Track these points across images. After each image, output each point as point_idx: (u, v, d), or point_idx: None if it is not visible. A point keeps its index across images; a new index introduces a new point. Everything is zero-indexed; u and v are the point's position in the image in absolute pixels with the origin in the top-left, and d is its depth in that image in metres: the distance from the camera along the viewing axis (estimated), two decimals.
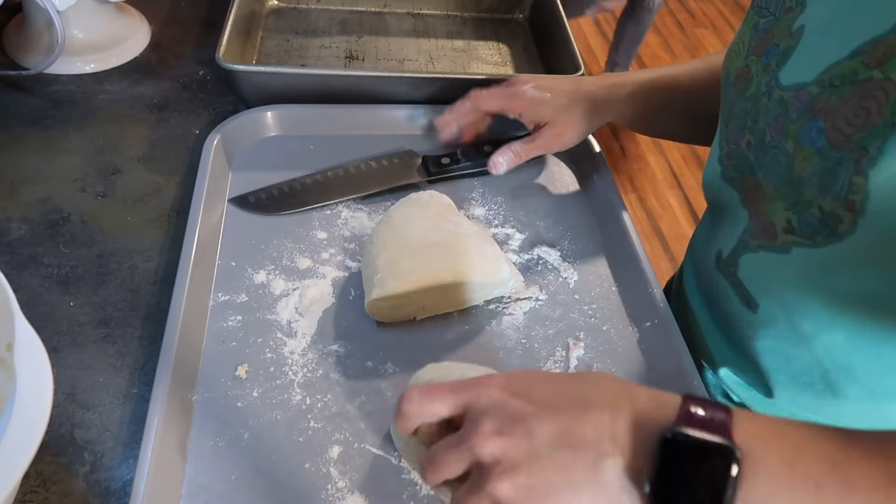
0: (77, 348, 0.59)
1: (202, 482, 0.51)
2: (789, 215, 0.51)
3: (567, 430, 0.37)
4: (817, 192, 0.47)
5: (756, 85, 0.54)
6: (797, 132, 0.49)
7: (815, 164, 0.47)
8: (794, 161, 0.49)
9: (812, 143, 0.47)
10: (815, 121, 0.47)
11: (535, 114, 0.71)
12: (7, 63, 0.83)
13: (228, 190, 0.72)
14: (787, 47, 0.51)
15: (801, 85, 0.49)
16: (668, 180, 2.30)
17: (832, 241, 0.48)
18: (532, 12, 1.03)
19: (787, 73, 0.51)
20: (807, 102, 0.48)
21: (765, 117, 0.53)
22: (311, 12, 0.99)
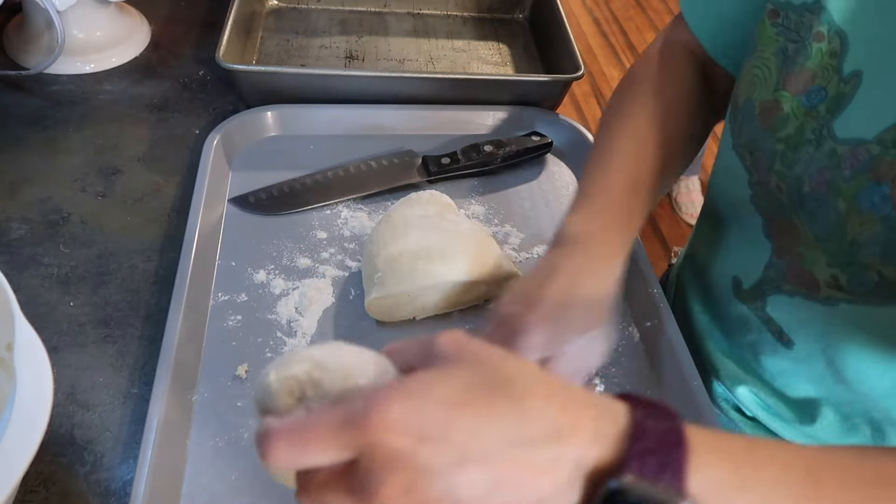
0: (77, 348, 0.59)
1: (202, 482, 0.51)
2: (836, 272, 0.48)
3: (500, 480, 0.28)
4: (879, 258, 0.44)
5: (797, 129, 0.49)
6: (852, 193, 0.45)
7: (879, 231, 0.44)
8: (847, 222, 0.46)
9: (874, 208, 0.44)
10: (879, 186, 0.43)
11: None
12: (7, 63, 0.83)
13: (228, 190, 0.72)
14: (839, 94, 0.46)
15: (858, 140, 0.45)
16: None
17: (891, 303, 0.45)
18: (532, 12, 1.03)
19: (843, 125, 0.46)
20: (865, 162, 0.44)
21: (804, 166, 0.48)
22: (311, 12, 0.99)
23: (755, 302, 0.58)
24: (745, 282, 0.59)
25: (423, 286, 0.59)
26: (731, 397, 0.66)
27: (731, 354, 0.64)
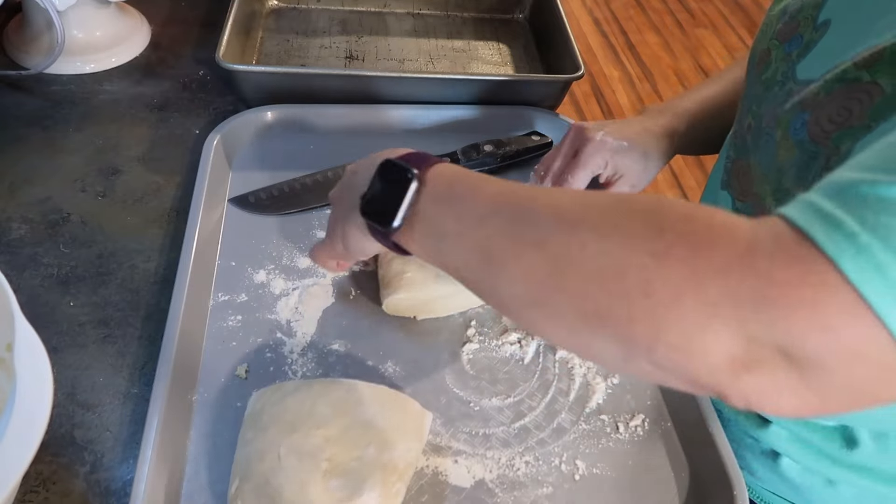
0: (77, 348, 0.59)
1: (202, 482, 0.51)
2: (771, 201, 0.52)
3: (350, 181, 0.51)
4: (794, 181, 0.49)
5: (773, 71, 0.54)
6: (787, 122, 0.50)
7: (795, 155, 0.49)
8: (778, 149, 0.50)
9: (796, 134, 0.49)
10: (802, 114, 0.48)
11: (618, 164, 0.65)
12: (7, 63, 0.83)
13: (228, 190, 0.72)
14: (809, 40, 0.51)
15: (808, 81, 0.49)
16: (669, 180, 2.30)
17: None
18: (532, 12, 1.03)
19: (804, 68, 0.51)
20: (802, 95, 0.49)
21: (768, 103, 0.53)
22: (311, 12, 0.99)
23: None
24: None
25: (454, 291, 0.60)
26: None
27: None
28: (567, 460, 0.55)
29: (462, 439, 0.55)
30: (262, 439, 0.49)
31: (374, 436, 0.49)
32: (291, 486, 0.46)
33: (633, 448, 0.57)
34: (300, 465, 0.47)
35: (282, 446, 0.48)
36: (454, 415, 0.57)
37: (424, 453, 0.54)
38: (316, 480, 0.47)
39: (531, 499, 0.53)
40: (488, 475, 0.54)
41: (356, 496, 0.47)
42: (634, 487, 0.55)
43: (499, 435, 0.56)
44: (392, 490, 0.48)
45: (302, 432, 0.49)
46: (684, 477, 0.56)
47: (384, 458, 0.49)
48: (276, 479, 0.47)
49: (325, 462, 0.48)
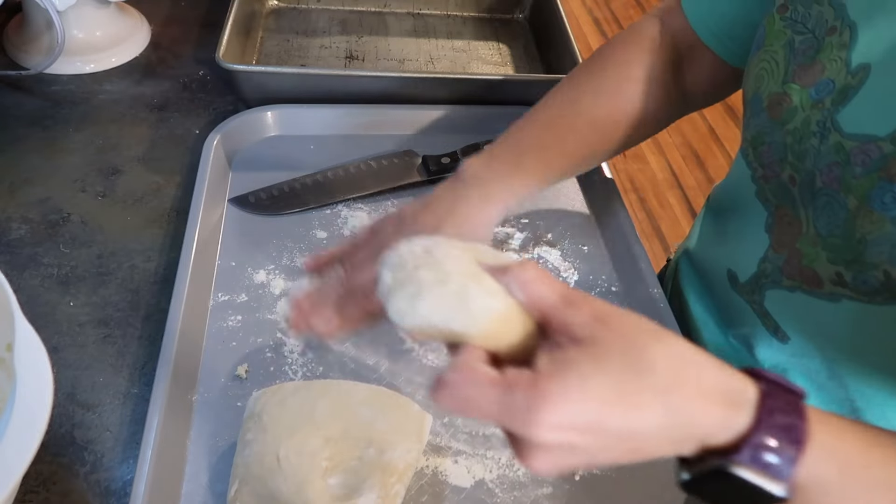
0: (77, 348, 0.59)
1: (202, 482, 0.51)
2: (840, 269, 0.47)
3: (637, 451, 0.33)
4: (886, 258, 0.44)
5: (803, 121, 0.49)
6: (864, 191, 0.45)
7: (889, 231, 0.43)
8: (856, 220, 0.45)
9: (885, 208, 0.43)
10: (892, 185, 0.43)
11: None
12: (7, 63, 0.83)
13: (228, 190, 0.72)
14: (845, 86, 0.46)
15: (868, 137, 0.44)
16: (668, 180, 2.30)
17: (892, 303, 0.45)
18: (532, 12, 1.03)
19: (850, 119, 0.46)
20: (877, 160, 0.43)
21: (814, 160, 0.48)
22: (311, 12, 0.99)
23: (752, 295, 0.58)
24: (741, 275, 0.59)
25: None
26: None
27: (726, 346, 0.64)
28: None
29: (462, 439, 0.55)
30: (261, 441, 0.49)
31: (375, 437, 0.49)
32: (290, 487, 0.46)
33: None
34: (299, 466, 0.47)
35: (281, 448, 0.48)
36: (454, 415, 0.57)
37: (424, 453, 0.54)
38: (315, 480, 0.47)
39: (531, 499, 0.53)
40: (488, 475, 0.54)
41: (355, 495, 0.47)
42: (634, 487, 0.55)
43: (499, 435, 0.56)
44: (391, 491, 0.48)
45: (302, 434, 0.49)
46: None
47: (384, 458, 0.48)
48: (274, 481, 0.47)
49: (324, 461, 0.48)
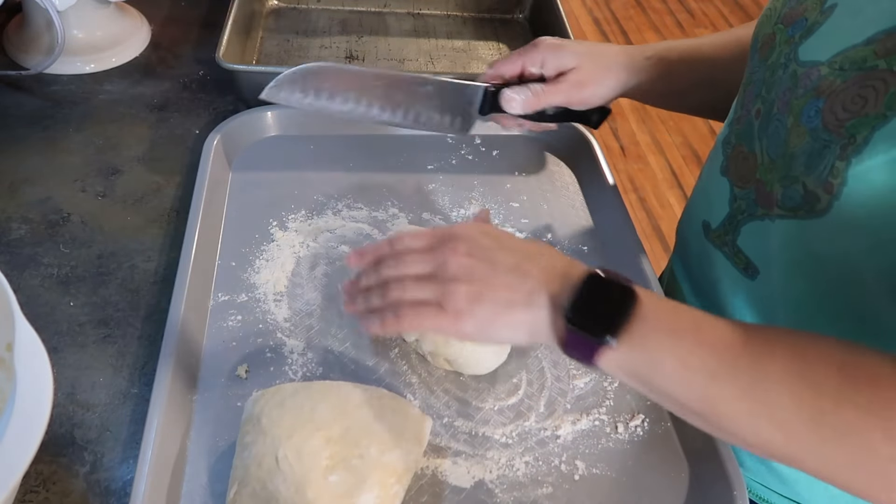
0: (77, 348, 0.59)
1: (202, 482, 0.51)
2: (778, 188, 0.52)
3: (520, 264, 0.47)
4: (803, 169, 0.49)
5: (777, 55, 0.54)
6: (799, 109, 0.49)
7: (807, 142, 0.48)
8: (790, 136, 0.50)
9: (808, 121, 0.48)
10: (817, 101, 0.48)
11: (558, 60, 0.66)
12: (7, 63, 0.83)
13: (228, 190, 0.72)
14: (813, 23, 0.51)
15: (814, 63, 0.49)
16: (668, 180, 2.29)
17: (811, 216, 0.49)
18: (532, 12, 1.03)
19: (806, 49, 0.51)
20: (815, 81, 0.48)
21: (777, 90, 0.53)
22: (311, 12, 0.99)
23: (726, 237, 0.60)
24: (714, 221, 0.62)
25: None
26: None
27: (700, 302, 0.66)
28: (567, 460, 0.55)
29: (462, 440, 0.55)
30: (260, 443, 0.49)
31: (375, 438, 0.49)
32: (289, 488, 0.46)
33: (633, 448, 0.57)
34: (299, 467, 0.47)
35: (280, 449, 0.48)
36: (454, 415, 0.57)
37: (424, 454, 0.54)
38: (314, 481, 0.47)
39: (531, 499, 0.53)
40: (488, 475, 0.54)
41: (355, 494, 0.47)
42: (634, 487, 0.55)
43: (498, 435, 0.56)
44: (390, 492, 0.48)
45: (301, 435, 0.49)
46: (684, 477, 0.56)
47: (384, 459, 0.48)
48: (273, 482, 0.47)
49: (325, 459, 0.48)
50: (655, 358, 0.43)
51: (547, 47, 0.66)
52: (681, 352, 0.43)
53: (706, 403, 0.43)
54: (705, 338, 0.43)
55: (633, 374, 0.44)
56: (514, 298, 0.46)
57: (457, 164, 0.78)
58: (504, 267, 0.47)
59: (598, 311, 0.44)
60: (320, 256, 0.67)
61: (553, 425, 0.57)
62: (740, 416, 0.42)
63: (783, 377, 0.41)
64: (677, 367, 0.43)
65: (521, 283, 0.47)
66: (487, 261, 0.47)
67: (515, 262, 0.48)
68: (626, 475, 0.55)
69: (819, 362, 0.41)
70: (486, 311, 0.46)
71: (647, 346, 0.43)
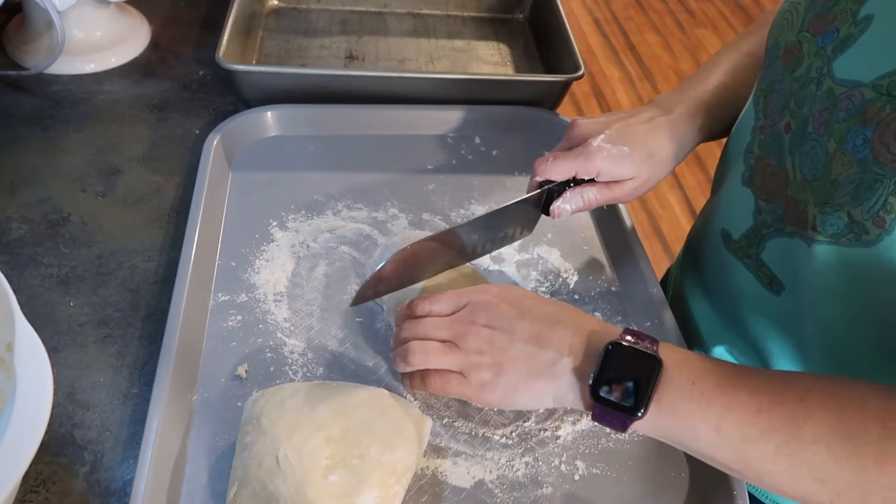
0: (77, 348, 0.59)
1: (202, 482, 0.51)
2: (816, 212, 0.49)
3: (539, 333, 0.49)
4: (850, 199, 0.46)
5: (806, 67, 0.51)
6: (842, 134, 0.47)
7: (854, 172, 0.46)
8: (832, 161, 0.47)
9: (855, 150, 0.45)
10: (864, 129, 0.45)
11: (615, 172, 0.59)
12: (7, 63, 0.83)
13: (228, 190, 0.72)
14: (847, 35, 0.48)
15: (854, 83, 0.46)
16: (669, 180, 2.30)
17: (855, 245, 0.47)
18: (532, 12, 1.03)
19: (843, 65, 0.48)
20: (858, 105, 0.46)
21: (810, 106, 0.50)
22: (311, 12, 0.99)
23: (749, 249, 0.59)
24: (735, 232, 0.60)
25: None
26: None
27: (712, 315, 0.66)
28: (567, 460, 0.55)
29: (462, 440, 0.55)
30: (260, 443, 0.49)
31: (374, 438, 0.49)
32: (289, 488, 0.46)
33: (633, 448, 0.57)
34: (299, 467, 0.47)
35: (280, 449, 0.48)
36: (454, 416, 0.57)
37: (424, 454, 0.54)
38: (314, 480, 0.47)
39: (531, 499, 0.53)
40: (488, 476, 0.54)
41: (355, 494, 0.47)
42: (634, 487, 0.55)
43: (498, 436, 0.56)
44: (390, 492, 0.48)
45: (301, 435, 0.49)
46: (684, 477, 0.56)
47: (384, 459, 0.48)
48: (273, 482, 0.47)
49: (325, 459, 0.48)
50: (687, 425, 0.44)
51: (606, 158, 0.58)
52: (712, 418, 0.43)
53: (742, 464, 0.43)
54: (736, 401, 0.43)
55: (665, 438, 0.46)
56: (535, 369, 0.48)
57: (457, 164, 0.78)
58: (523, 337, 0.49)
59: (624, 384, 0.45)
60: (320, 256, 0.67)
61: (553, 426, 0.57)
62: (779, 474, 0.42)
63: (820, 436, 0.41)
64: (710, 433, 0.43)
65: (540, 354, 0.48)
66: (507, 331, 0.49)
67: (535, 331, 0.49)
68: (626, 475, 0.55)
69: (856, 415, 0.41)
70: (509, 382, 0.49)
71: (677, 415, 0.44)
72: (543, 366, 0.48)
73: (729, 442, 0.43)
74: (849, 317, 0.51)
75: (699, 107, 0.63)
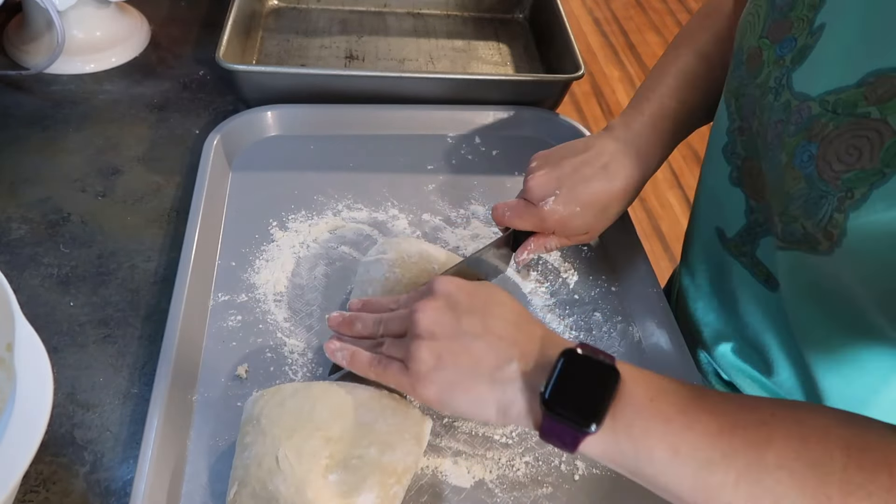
0: (77, 348, 0.59)
1: (202, 482, 0.51)
2: (778, 221, 0.50)
3: (490, 329, 0.45)
4: (801, 213, 0.47)
5: (766, 76, 0.51)
6: (792, 148, 0.47)
7: (802, 187, 0.46)
8: (785, 174, 0.48)
9: (802, 167, 0.46)
10: (810, 145, 0.45)
11: (568, 231, 0.62)
12: (7, 63, 0.83)
13: (228, 190, 0.72)
14: (804, 45, 0.48)
15: (805, 96, 0.46)
16: (669, 180, 2.30)
17: (813, 253, 0.47)
18: (532, 12, 1.03)
19: (800, 78, 0.48)
20: (806, 119, 0.46)
21: (769, 115, 0.51)
22: (311, 12, 0.99)
23: (743, 247, 0.59)
24: (729, 230, 0.60)
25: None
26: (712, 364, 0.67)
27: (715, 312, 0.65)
28: (567, 460, 0.55)
29: (462, 440, 0.55)
30: (260, 443, 0.49)
31: (375, 438, 0.49)
32: (289, 488, 0.46)
33: None
34: (299, 466, 0.47)
35: (280, 449, 0.48)
36: (454, 415, 0.57)
37: (424, 453, 0.54)
38: (314, 480, 0.47)
39: (531, 499, 0.53)
40: (488, 475, 0.54)
41: (355, 494, 0.47)
42: (634, 487, 0.54)
43: (498, 436, 0.56)
44: (390, 492, 0.48)
45: (301, 434, 0.49)
46: None
47: (384, 459, 0.48)
48: (273, 482, 0.47)
49: (325, 459, 0.48)
50: (642, 444, 0.40)
51: (557, 222, 0.60)
52: (669, 437, 0.40)
53: (700, 493, 0.40)
54: (696, 421, 0.40)
55: (618, 462, 0.42)
56: (477, 369, 0.44)
57: (457, 164, 0.78)
58: (471, 331, 0.45)
59: (578, 396, 0.41)
60: (320, 256, 0.67)
61: None
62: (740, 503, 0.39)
63: (784, 462, 0.38)
64: (667, 455, 0.40)
65: (487, 354, 0.44)
66: (456, 318, 0.45)
67: (484, 327, 0.45)
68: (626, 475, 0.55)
69: (820, 443, 0.38)
70: (446, 379, 0.44)
71: (633, 433, 0.40)
72: (489, 368, 0.44)
73: (687, 466, 0.39)
74: (824, 316, 0.51)
75: (656, 126, 0.63)
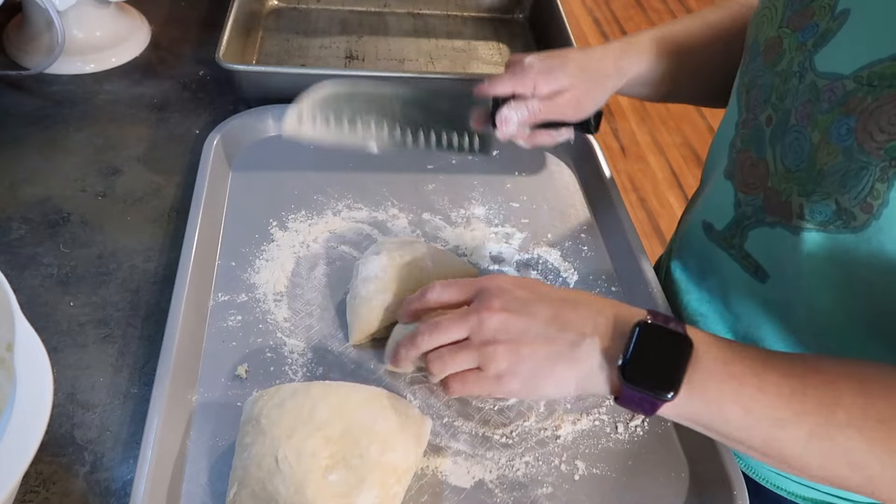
0: (77, 348, 0.59)
1: (202, 482, 0.51)
2: (802, 201, 0.50)
3: (558, 314, 0.46)
4: (837, 187, 0.47)
5: (788, 62, 0.53)
6: (826, 125, 0.48)
7: (840, 161, 0.47)
8: (817, 152, 0.49)
9: (840, 140, 0.47)
10: (847, 118, 0.46)
11: (550, 84, 0.63)
12: (7, 63, 0.83)
13: (228, 190, 0.72)
14: (826, 30, 0.50)
15: (836, 76, 0.48)
16: (668, 180, 2.29)
17: (843, 231, 0.48)
18: (532, 12, 1.03)
19: (824, 59, 0.49)
20: (841, 96, 0.47)
21: (793, 99, 0.52)
22: (311, 12, 0.99)
23: (732, 240, 0.60)
24: (717, 223, 0.61)
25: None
26: None
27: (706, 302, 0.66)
28: (567, 460, 0.55)
29: (462, 440, 0.55)
30: (259, 443, 0.49)
31: (375, 438, 0.49)
32: (289, 488, 0.46)
33: (633, 448, 0.57)
34: (299, 467, 0.47)
35: (280, 449, 0.48)
36: (454, 415, 0.57)
37: (424, 453, 0.54)
38: (314, 480, 0.47)
39: (531, 499, 0.53)
40: (488, 475, 0.54)
41: (355, 494, 0.47)
42: (634, 487, 0.55)
43: (498, 435, 0.56)
44: (390, 492, 0.48)
45: (301, 435, 0.49)
46: (684, 477, 0.56)
47: (384, 459, 0.48)
48: (273, 482, 0.47)
49: (325, 459, 0.48)
50: (717, 407, 0.43)
51: (538, 72, 0.63)
52: (743, 399, 0.43)
53: (772, 448, 0.43)
54: (767, 382, 0.43)
55: (694, 421, 0.45)
56: (556, 352, 0.46)
57: (457, 164, 0.78)
58: (541, 319, 0.46)
59: (654, 365, 0.43)
60: (320, 256, 0.67)
61: (553, 425, 0.57)
62: (810, 458, 0.42)
63: (853, 419, 0.41)
64: (740, 415, 0.43)
65: (561, 335, 0.46)
66: (524, 314, 0.47)
67: (553, 312, 0.47)
68: (626, 475, 0.55)
69: (884, 398, 0.41)
70: (528, 370, 0.46)
71: (708, 396, 0.43)
72: (565, 348, 0.45)
73: (760, 425, 0.42)
74: (840, 303, 0.52)
75: (654, 39, 0.67)
